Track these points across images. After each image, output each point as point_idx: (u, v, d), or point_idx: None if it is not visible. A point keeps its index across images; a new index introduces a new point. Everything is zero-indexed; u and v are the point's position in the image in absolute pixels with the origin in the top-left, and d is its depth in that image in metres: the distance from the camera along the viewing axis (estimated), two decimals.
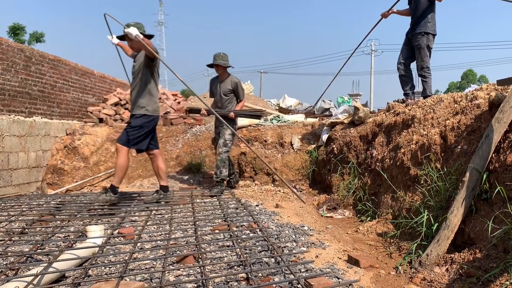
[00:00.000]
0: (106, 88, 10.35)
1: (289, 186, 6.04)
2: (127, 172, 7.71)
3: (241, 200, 5.35)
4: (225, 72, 6.12)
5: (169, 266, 2.93)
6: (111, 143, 8.19)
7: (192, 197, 5.63)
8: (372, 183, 4.83)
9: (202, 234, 3.73)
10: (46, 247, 3.47)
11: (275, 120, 8.20)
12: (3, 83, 6.63)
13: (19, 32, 30.22)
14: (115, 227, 3.97)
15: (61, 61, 8.29)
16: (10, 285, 2.42)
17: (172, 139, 8.39)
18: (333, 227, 4.28)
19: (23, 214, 4.60)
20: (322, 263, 3.09)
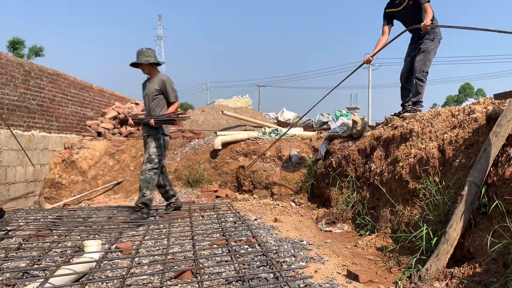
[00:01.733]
0: (104, 102, 10.37)
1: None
2: (125, 186, 7.70)
3: (240, 213, 5.32)
4: (153, 70, 5.23)
5: (166, 282, 2.90)
6: (109, 157, 8.19)
7: (190, 211, 5.60)
8: (371, 197, 4.81)
9: (200, 248, 3.70)
10: (43, 262, 3.44)
11: (274, 134, 8.22)
12: (2, 97, 6.65)
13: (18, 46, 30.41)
14: (112, 241, 3.94)
15: (60, 75, 8.32)
16: None
17: (170, 152, 8.38)
18: (332, 242, 4.25)
19: (20, 229, 4.56)
20: (321, 278, 3.07)
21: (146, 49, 5.17)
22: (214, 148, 7.90)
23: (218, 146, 7.82)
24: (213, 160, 7.91)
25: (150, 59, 5.10)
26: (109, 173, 7.91)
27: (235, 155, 7.84)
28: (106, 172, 7.94)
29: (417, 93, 5.51)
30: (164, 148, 5.23)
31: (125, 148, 8.41)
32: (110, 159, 8.14)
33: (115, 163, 8.12)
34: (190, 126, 9.63)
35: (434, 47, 5.47)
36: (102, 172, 7.94)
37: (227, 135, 8.29)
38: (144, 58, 5.09)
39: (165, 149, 5.25)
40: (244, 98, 12.95)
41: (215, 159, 7.91)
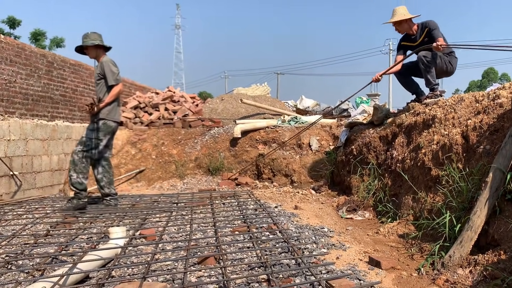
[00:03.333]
0: (125, 91, 10.50)
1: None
2: (147, 174, 7.82)
3: (260, 201, 5.36)
4: (100, 55, 4.99)
5: (190, 267, 2.95)
6: (131, 145, 8.31)
7: (211, 198, 5.66)
8: (393, 184, 4.78)
9: (222, 235, 3.75)
10: (70, 248, 3.54)
11: (293, 121, 8.20)
12: (27, 88, 6.80)
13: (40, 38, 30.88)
14: (136, 228, 4.03)
15: (81, 66, 8.45)
16: (38, 285, 2.48)
17: (190, 141, 8.46)
18: (353, 229, 4.25)
19: (48, 216, 4.70)
20: (343, 264, 3.08)
21: (92, 33, 4.96)
22: (233, 136, 7.94)
23: (237, 134, 7.85)
24: (233, 149, 7.95)
25: (95, 42, 4.90)
26: (131, 162, 8.05)
27: (255, 143, 7.86)
28: (129, 161, 8.07)
29: (428, 81, 5.40)
30: (104, 134, 4.92)
31: (146, 137, 8.52)
32: (132, 148, 8.27)
33: (137, 151, 8.25)
34: (209, 114, 9.68)
35: (451, 61, 5.45)
36: (125, 161, 8.07)
37: (246, 123, 8.31)
38: (90, 41, 4.90)
39: (104, 134, 4.93)
40: (262, 86, 12.91)
41: (234, 147, 7.96)
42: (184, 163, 7.99)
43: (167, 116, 9.40)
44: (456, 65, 5.56)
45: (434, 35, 5.25)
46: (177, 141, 8.47)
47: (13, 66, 6.51)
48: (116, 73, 4.95)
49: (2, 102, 6.23)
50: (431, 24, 5.36)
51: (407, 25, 5.51)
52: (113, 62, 5.00)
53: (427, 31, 5.36)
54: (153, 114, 9.52)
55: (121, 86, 5.00)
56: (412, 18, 5.46)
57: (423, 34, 5.44)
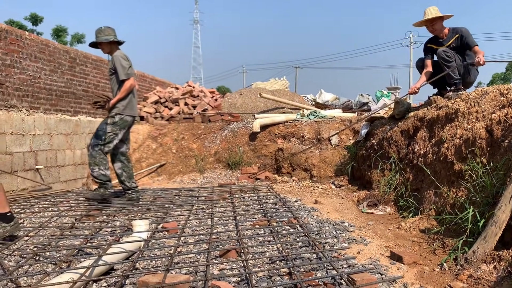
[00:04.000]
0: (146, 86, 10.62)
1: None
2: (168, 168, 7.92)
3: (280, 195, 5.37)
4: (113, 50, 4.98)
5: (212, 260, 3.00)
6: (152, 140, 8.42)
7: (231, 192, 5.70)
8: (414, 179, 4.73)
9: (243, 229, 3.78)
10: (95, 241, 3.62)
11: (312, 116, 8.17)
12: (51, 83, 6.94)
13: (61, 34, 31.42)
14: (159, 221, 4.09)
15: (103, 61, 8.58)
16: (65, 277, 2.55)
17: (210, 135, 8.52)
18: (374, 223, 4.24)
19: (72, 210, 4.81)
20: (364, 259, 3.08)
21: (106, 28, 4.91)
22: (252, 131, 7.96)
23: (256, 129, 7.87)
24: (252, 143, 7.98)
25: (109, 37, 4.86)
26: (152, 156, 8.15)
27: (274, 138, 7.87)
28: (150, 155, 8.18)
29: (450, 76, 5.31)
30: (119, 128, 4.92)
31: (167, 131, 8.61)
32: (153, 142, 8.38)
33: (158, 146, 8.35)
34: (228, 109, 9.72)
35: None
36: (146, 155, 8.19)
37: (266, 117, 8.32)
38: (104, 37, 4.86)
39: (120, 129, 4.93)
40: (281, 81, 12.87)
41: (254, 141, 7.98)
42: (204, 157, 8.06)
43: (187, 111, 9.49)
44: (476, 79, 5.51)
45: (470, 42, 5.21)
46: (197, 135, 8.54)
47: (38, 62, 6.65)
48: (126, 67, 4.88)
49: (27, 97, 6.38)
50: (464, 31, 5.29)
51: (441, 26, 5.41)
52: (124, 57, 4.95)
53: (458, 37, 5.29)
54: (173, 109, 9.61)
55: (132, 80, 4.93)
56: (444, 19, 5.36)
57: (452, 39, 5.35)
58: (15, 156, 6.00)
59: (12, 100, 6.05)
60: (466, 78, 5.38)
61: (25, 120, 6.26)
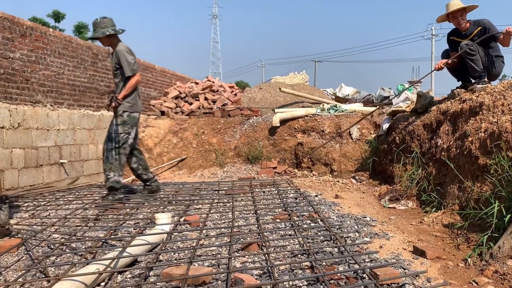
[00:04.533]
0: (166, 82, 10.71)
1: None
2: (189, 162, 7.99)
3: (300, 190, 5.37)
4: (114, 41, 4.77)
5: (234, 253, 3.02)
6: (172, 134, 8.50)
7: (251, 186, 5.73)
8: (437, 173, 4.67)
9: (264, 222, 3.80)
10: (118, 233, 3.69)
11: (332, 110, 8.12)
12: (74, 79, 7.07)
13: (83, 31, 31.93)
14: (181, 214, 4.14)
15: None
16: (91, 267, 2.61)
17: (230, 130, 8.55)
18: (397, 218, 4.20)
19: (96, 203, 4.90)
20: (387, 253, 3.06)
21: (101, 19, 4.66)
22: (272, 125, 7.95)
23: (276, 123, 7.86)
24: (272, 137, 7.98)
25: (106, 31, 4.62)
26: (173, 150, 8.24)
27: (293, 132, 7.85)
28: (170, 149, 8.27)
29: (473, 69, 5.17)
30: (130, 126, 4.81)
31: (187, 126, 8.68)
32: (173, 137, 8.46)
33: (179, 140, 8.43)
34: (248, 104, 9.73)
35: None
36: (167, 149, 8.28)
37: (285, 112, 8.30)
38: (101, 31, 4.62)
39: (131, 126, 4.83)
40: (300, 75, 12.81)
41: (273, 136, 7.98)
42: (223, 151, 8.10)
43: (206, 106, 9.53)
44: (501, 71, 5.35)
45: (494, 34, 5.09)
46: (217, 130, 8.58)
47: (61, 58, 6.77)
48: (132, 63, 4.72)
49: (51, 93, 6.51)
50: (487, 23, 5.17)
51: (465, 18, 5.29)
52: (128, 50, 4.76)
53: (481, 29, 5.17)
54: (193, 103, 9.68)
55: (138, 76, 4.78)
56: (468, 11, 5.23)
57: (475, 31, 5.23)
58: (40, 151, 6.14)
59: (37, 95, 6.18)
60: (491, 70, 5.26)
61: (50, 115, 6.39)
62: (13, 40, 5.72)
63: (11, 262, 3.06)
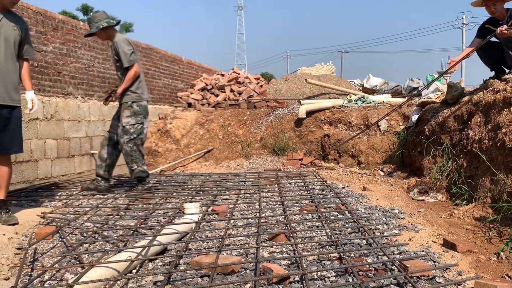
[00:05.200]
0: (193, 74, 10.80)
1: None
2: (215, 153, 8.06)
3: (327, 181, 5.35)
4: (111, 34, 4.70)
5: (262, 243, 3.05)
6: (199, 126, 8.59)
7: (277, 178, 5.74)
8: (468, 166, 4.57)
9: (291, 214, 3.81)
10: (148, 222, 3.77)
11: (360, 101, 8.02)
12: (104, 71, 7.21)
13: None
14: (208, 204, 4.20)
15: (152, 49, 8.79)
16: (123, 255, 2.68)
17: (255, 122, 8.57)
18: (426, 211, 4.14)
19: (126, 192, 5.01)
20: (416, 246, 3.03)
21: (94, 14, 4.60)
22: (298, 117, 7.93)
23: (302, 114, 7.83)
24: (298, 129, 7.96)
25: (100, 24, 4.54)
26: (199, 142, 8.33)
27: (320, 124, 7.81)
28: (197, 141, 8.36)
29: (510, 56, 4.99)
30: (143, 116, 4.77)
31: (213, 117, 8.75)
32: (200, 129, 8.54)
33: (205, 132, 8.50)
34: (274, 95, 9.72)
35: None
36: (194, 141, 8.37)
37: (311, 103, 8.25)
38: (95, 25, 4.55)
39: (144, 116, 4.78)
40: (327, 65, 12.70)
41: (299, 127, 7.96)
42: (249, 143, 8.13)
43: (232, 97, 9.57)
44: None
45: None
46: (243, 121, 8.62)
47: (91, 51, 6.91)
48: (129, 53, 4.60)
49: (82, 85, 6.67)
50: None
51: (501, 6, 5.08)
52: (125, 41, 4.67)
53: None
54: (219, 95, 9.73)
55: (136, 67, 4.67)
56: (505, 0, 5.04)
57: (510, 20, 5.04)
58: (72, 141, 6.31)
59: (68, 87, 6.34)
60: None
61: (81, 107, 6.55)
62: (45, 33, 5.87)
63: (46, 249, 3.17)
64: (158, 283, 2.42)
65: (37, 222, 3.78)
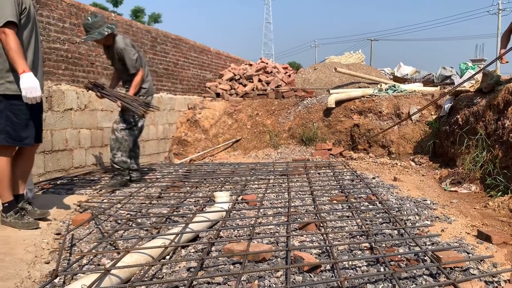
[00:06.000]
0: (221, 64, 10.84)
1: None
2: (243, 143, 8.11)
3: (357, 172, 5.31)
4: (110, 39, 4.63)
5: (292, 232, 3.06)
6: (227, 116, 8.64)
7: (306, 168, 5.73)
8: (504, 156, 4.44)
9: (320, 203, 3.81)
10: (180, 210, 3.85)
11: (391, 90, 7.88)
12: None
13: (139, 14, 32.83)
14: (238, 193, 4.24)
15: (181, 40, 8.87)
16: (157, 242, 2.76)
17: (284, 111, 8.56)
18: (459, 202, 4.06)
19: (158, 181, 5.12)
20: (449, 237, 2.98)
21: (93, 19, 4.46)
22: (327, 106, 7.86)
23: (331, 104, 7.77)
24: (327, 119, 7.90)
25: (103, 30, 4.46)
26: (228, 131, 8.38)
27: (349, 113, 7.73)
28: (226, 131, 8.42)
29: None
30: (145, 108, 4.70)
31: (241, 107, 8.78)
32: (228, 118, 8.59)
33: (233, 122, 8.55)
34: (302, 85, 9.66)
35: None
36: (222, 131, 8.43)
37: (341, 93, 8.17)
38: (96, 31, 4.44)
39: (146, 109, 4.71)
40: (356, 54, 12.51)
41: (328, 117, 7.90)
42: (277, 133, 8.13)
43: (260, 87, 9.57)
44: None
45: None
46: (271, 111, 8.62)
47: None
48: (134, 59, 4.65)
49: None
50: None
51: None
52: (129, 45, 4.68)
53: None
54: (247, 85, 9.75)
55: (142, 72, 4.74)
56: None
57: None
58: (105, 131, 6.46)
59: (101, 78, 6.48)
60: None
61: None
62: (79, 25, 6.01)
63: (83, 235, 3.29)
64: (192, 269, 2.48)
65: (73, 209, 3.91)
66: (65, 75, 5.77)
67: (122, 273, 2.33)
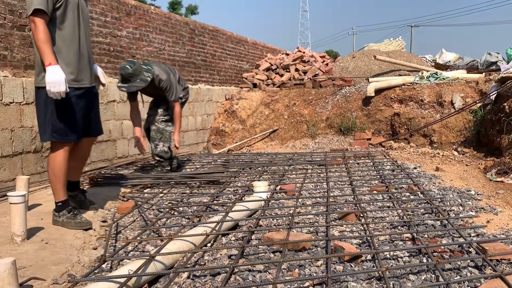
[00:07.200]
0: (258, 54, 10.85)
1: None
2: (280, 133, 8.12)
3: (397, 162, 5.21)
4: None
5: (331, 222, 3.06)
6: (264, 106, 8.66)
7: (344, 158, 5.68)
8: None
9: (360, 194, 3.78)
10: (220, 199, 3.91)
11: (433, 78, 7.65)
12: (174, 54, 7.46)
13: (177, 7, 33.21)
14: (276, 183, 4.26)
15: (219, 31, 8.93)
16: (199, 229, 2.82)
17: (321, 101, 8.49)
18: (505, 192, 3.91)
19: (197, 170, 5.21)
20: (495, 228, 2.89)
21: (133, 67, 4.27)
22: (366, 95, 7.73)
23: (370, 93, 7.63)
24: (366, 108, 7.77)
25: (146, 77, 4.33)
26: (265, 122, 8.41)
27: (389, 102, 7.57)
28: (263, 121, 8.44)
29: None
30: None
31: (278, 98, 8.77)
32: (265, 109, 8.61)
33: (270, 112, 8.56)
34: (340, 73, 9.53)
35: None
36: (259, 121, 8.47)
37: (380, 81, 8.01)
38: (138, 79, 4.30)
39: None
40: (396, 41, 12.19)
41: (367, 106, 7.77)
42: (315, 123, 8.08)
43: (297, 77, 9.52)
44: None
45: None
46: (308, 101, 8.56)
47: (162, 34, 7.16)
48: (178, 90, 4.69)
49: None
50: None
51: None
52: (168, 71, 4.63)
53: None
54: (284, 75, 9.71)
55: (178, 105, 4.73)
56: None
57: None
58: None
59: None
60: None
61: None
62: (120, 19, 6.17)
63: (128, 223, 3.41)
64: (233, 257, 2.53)
65: (118, 198, 4.05)
66: (108, 68, 5.95)
67: (166, 259, 2.40)
